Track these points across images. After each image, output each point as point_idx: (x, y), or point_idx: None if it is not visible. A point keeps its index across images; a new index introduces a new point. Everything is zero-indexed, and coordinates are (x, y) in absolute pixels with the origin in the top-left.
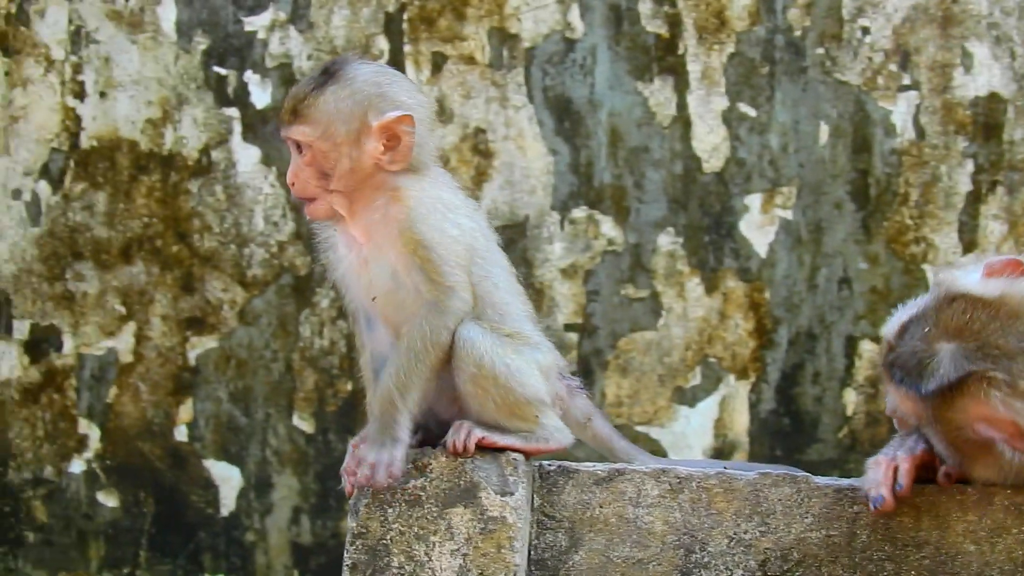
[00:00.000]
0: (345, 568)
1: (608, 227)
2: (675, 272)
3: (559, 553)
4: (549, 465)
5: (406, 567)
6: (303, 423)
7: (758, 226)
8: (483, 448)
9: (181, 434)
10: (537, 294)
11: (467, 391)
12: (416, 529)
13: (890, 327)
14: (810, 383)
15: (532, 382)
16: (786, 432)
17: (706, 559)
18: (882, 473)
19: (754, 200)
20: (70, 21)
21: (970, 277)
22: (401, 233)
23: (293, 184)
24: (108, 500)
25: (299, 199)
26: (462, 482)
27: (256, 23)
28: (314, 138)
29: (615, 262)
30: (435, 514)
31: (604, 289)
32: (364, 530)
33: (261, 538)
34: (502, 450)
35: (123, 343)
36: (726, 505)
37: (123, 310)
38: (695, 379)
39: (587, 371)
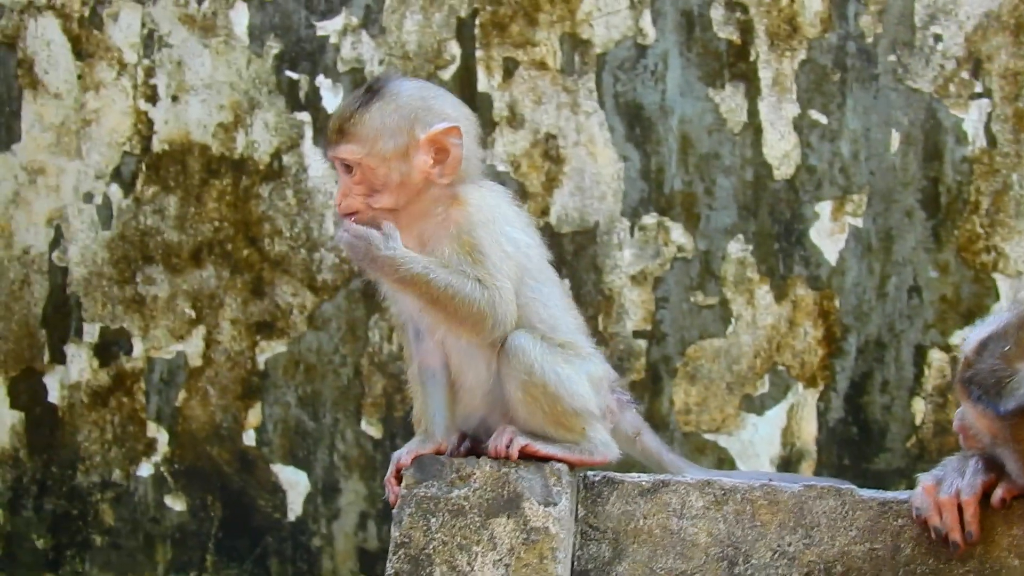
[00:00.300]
0: None
1: (678, 234)
2: (744, 279)
3: (602, 564)
4: (594, 476)
5: None
6: (371, 428)
7: (828, 234)
8: (527, 457)
9: (249, 438)
10: (606, 300)
11: (516, 398)
12: (459, 539)
13: (968, 343)
14: (879, 392)
15: (582, 392)
16: (854, 441)
17: (749, 571)
18: (949, 518)
19: (824, 207)
20: (143, 25)
21: None
22: (458, 235)
23: (340, 204)
24: (176, 504)
25: (346, 218)
26: (505, 492)
27: (328, 28)
28: (362, 155)
29: (685, 269)
30: (478, 524)
31: (673, 296)
32: (407, 540)
33: (328, 543)
34: (546, 460)
35: (192, 347)
36: (770, 517)
37: (193, 314)
38: (763, 387)
39: (655, 378)
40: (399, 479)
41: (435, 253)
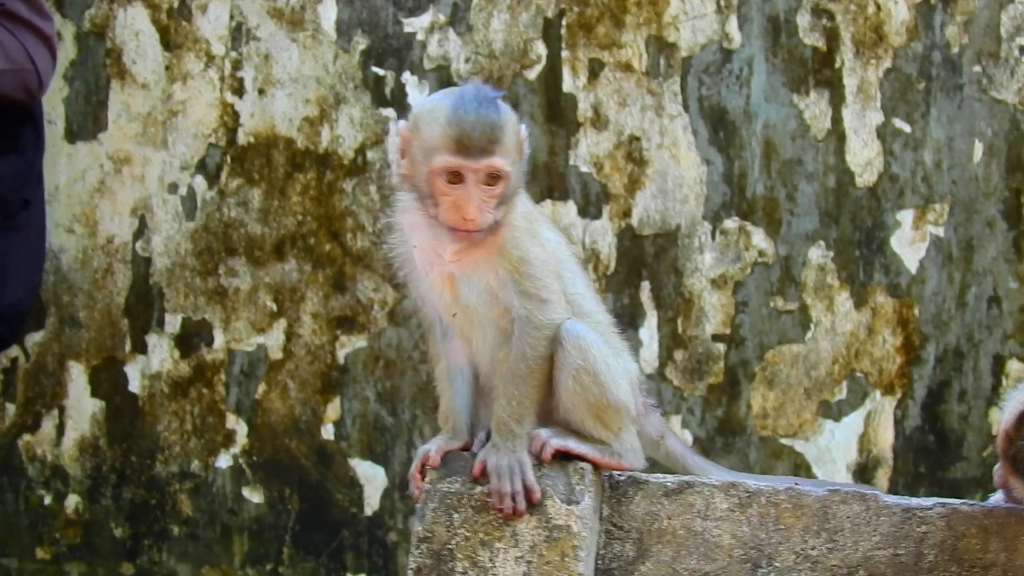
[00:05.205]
0: (409, 571)
1: (759, 238)
2: (825, 286)
3: (626, 564)
4: (619, 476)
5: (470, 572)
6: None
7: (909, 242)
8: (557, 456)
9: (328, 432)
10: (686, 303)
11: (566, 386)
12: (481, 535)
13: (1007, 417)
14: (956, 401)
15: (626, 387)
16: (930, 449)
17: (772, 574)
18: None
19: (906, 216)
20: (231, 17)
21: None
22: (500, 249)
23: (475, 219)
24: (253, 496)
25: (466, 233)
26: None
27: (415, 24)
28: (509, 167)
29: (765, 274)
30: (501, 520)
31: (753, 300)
32: (430, 534)
33: (404, 539)
34: (571, 459)
35: (273, 340)
36: (794, 521)
37: (274, 307)
38: (841, 393)
39: (733, 382)
40: (423, 474)
41: (472, 273)
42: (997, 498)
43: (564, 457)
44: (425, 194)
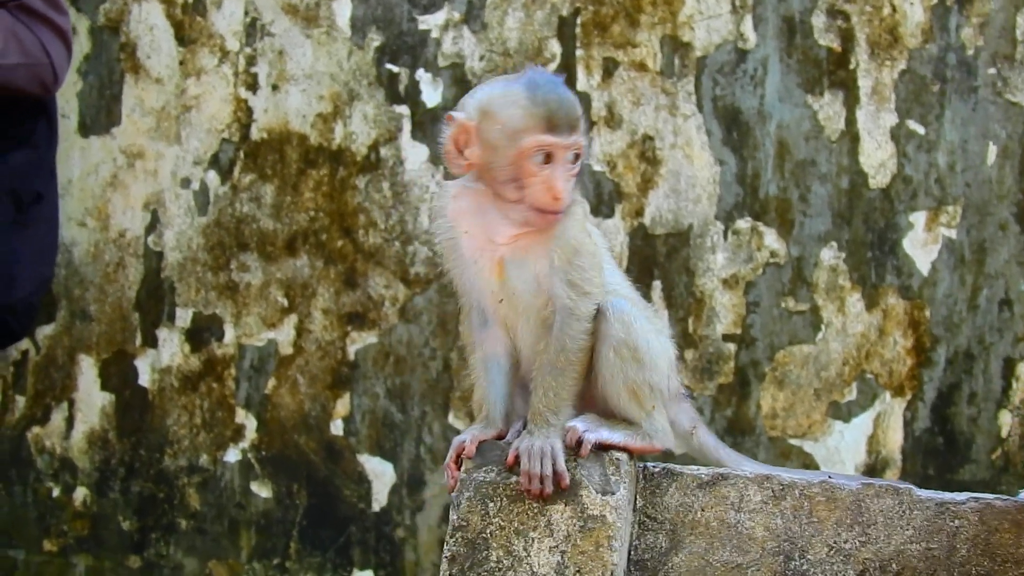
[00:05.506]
0: (444, 559)
1: (771, 239)
2: (836, 287)
3: (659, 555)
4: (654, 467)
5: (504, 561)
6: (458, 422)
7: (921, 244)
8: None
9: (337, 428)
10: (697, 303)
11: (607, 358)
12: (516, 524)
13: None
14: (966, 403)
15: (663, 367)
16: (939, 451)
17: (805, 567)
18: None
19: (919, 218)
20: (246, 13)
21: None
22: (557, 236)
23: (565, 198)
24: (261, 491)
25: (553, 214)
26: None
27: (430, 22)
28: (584, 146)
29: (777, 274)
30: (535, 510)
31: (764, 301)
32: (465, 523)
33: (411, 535)
34: (607, 449)
35: (284, 335)
36: (828, 514)
37: (285, 302)
38: (851, 394)
39: (743, 382)
40: (459, 464)
41: (523, 260)
42: None
43: (599, 447)
44: (507, 178)
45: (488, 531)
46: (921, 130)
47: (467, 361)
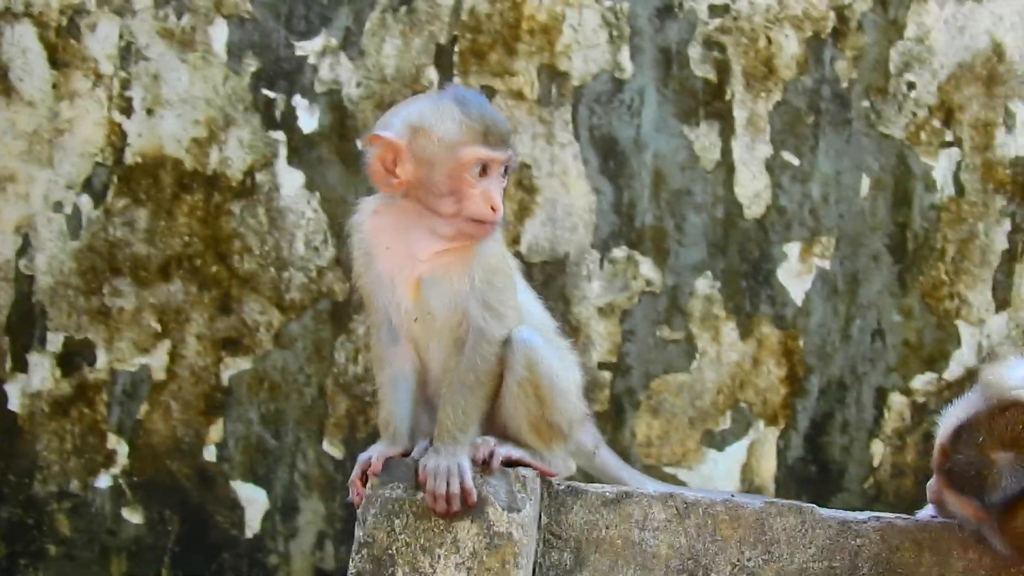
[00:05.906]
0: None
1: (647, 268)
2: (711, 316)
3: (564, 572)
4: (558, 484)
5: None
6: (333, 449)
7: (795, 274)
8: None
9: (210, 454)
10: (573, 331)
11: (511, 391)
12: (422, 541)
13: (943, 431)
14: (839, 432)
15: (567, 402)
16: (812, 480)
17: None
18: None
19: (793, 248)
20: (121, 36)
21: (1018, 376)
22: (477, 255)
23: (499, 208)
24: (133, 516)
25: (491, 225)
26: None
27: (307, 48)
28: (514, 160)
29: (652, 303)
30: (442, 527)
31: (640, 329)
32: (371, 539)
33: (284, 561)
34: (513, 465)
35: (157, 360)
36: (731, 532)
37: (158, 327)
38: (725, 423)
39: (618, 410)
40: (364, 481)
41: (442, 279)
42: (924, 513)
43: (506, 464)
44: (444, 192)
45: (394, 548)
46: (796, 161)
47: (359, 384)
